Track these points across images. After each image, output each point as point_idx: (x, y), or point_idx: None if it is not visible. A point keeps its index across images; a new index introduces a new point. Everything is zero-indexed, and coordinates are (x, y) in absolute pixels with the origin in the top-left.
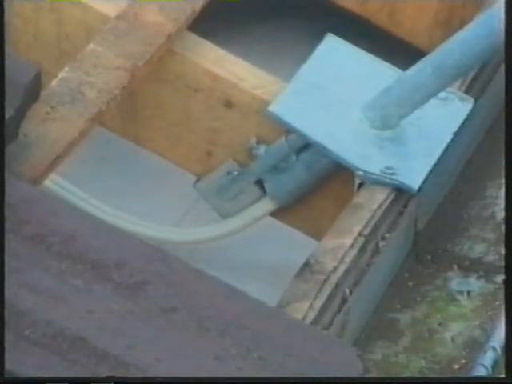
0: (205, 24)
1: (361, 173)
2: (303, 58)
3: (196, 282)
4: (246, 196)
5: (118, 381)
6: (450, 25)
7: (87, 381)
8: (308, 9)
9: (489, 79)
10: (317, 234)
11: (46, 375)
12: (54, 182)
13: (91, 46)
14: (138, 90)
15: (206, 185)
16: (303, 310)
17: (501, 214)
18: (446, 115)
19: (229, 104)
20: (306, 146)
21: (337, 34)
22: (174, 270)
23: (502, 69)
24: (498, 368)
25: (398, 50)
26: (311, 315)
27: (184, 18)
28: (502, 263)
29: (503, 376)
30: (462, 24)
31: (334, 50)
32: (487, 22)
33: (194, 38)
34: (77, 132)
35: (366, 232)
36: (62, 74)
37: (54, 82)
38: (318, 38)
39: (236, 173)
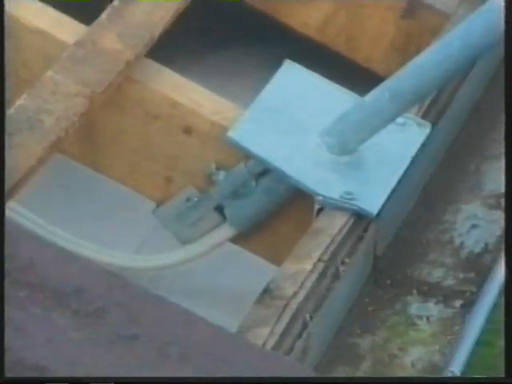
0: (163, 51)
1: (320, 198)
2: (262, 84)
3: (156, 309)
4: (206, 222)
5: (118, 381)
6: (407, 51)
7: (87, 381)
8: (266, 35)
9: (446, 104)
10: (277, 259)
11: None
12: (12, 210)
13: (49, 73)
14: (96, 117)
15: (166, 211)
16: (264, 336)
17: (459, 239)
18: (403, 140)
19: (188, 130)
20: (265, 171)
21: (295, 60)
22: (134, 297)
23: (459, 94)
24: None
25: (356, 76)
26: (272, 341)
27: (142, 45)
28: (461, 287)
29: (503, 376)
30: (419, 50)
31: (292, 75)
32: (443, 48)
33: (152, 65)
34: (35, 159)
35: (325, 257)
36: (20, 102)
37: (12, 110)
38: (277, 64)
39: (196, 199)
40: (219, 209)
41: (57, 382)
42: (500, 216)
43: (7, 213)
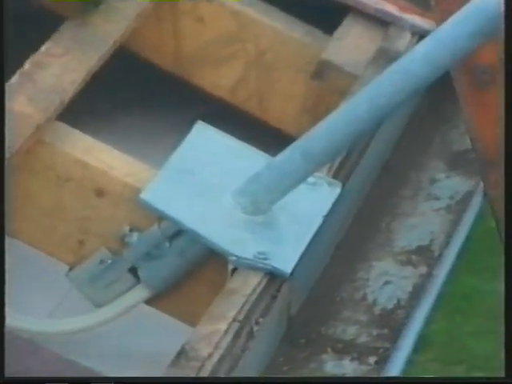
0: (75, 113)
1: (234, 258)
2: (174, 145)
3: (69, 374)
4: (120, 284)
5: (118, 381)
6: (317, 112)
7: (87, 381)
8: (178, 96)
9: (355, 163)
10: (192, 320)
11: None
12: None
13: None
14: (7, 181)
15: (79, 274)
16: None
17: (372, 296)
18: (315, 200)
19: (100, 192)
20: (178, 232)
21: (208, 121)
22: (46, 362)
23: (368, 153)
24: None
25: (268, 137)
26: None
27: (53, 108)
28: (375, 344)
29: (503, 376)
30: (329, 111)
31: (204, 137)
32: (351, 109)
33: (63, 128)
34: None
35: (240, 317)
36: None
37: None
38: (189, 125)
39: (109, 261)
40: (133, 270)
41: (57, 382)
42: (411, 272)
43: None
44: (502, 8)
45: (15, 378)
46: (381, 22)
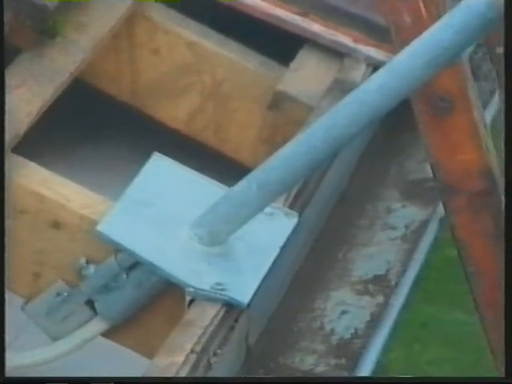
0: (31, 146)
1: (191, 289)
2: (131, 176)
3: None
4: (77, 317)
5: (118, 381)
6: (274, 142)
7: (87, 381)
8: (135, 127)
9: (312, 194)
10: (149, 352)
11: None
12: None
13: None
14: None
15: (35, 307)
16: None
17: (329, 325)
18: (272, 230)
19: (56, 225)
20: (135, 264)
21: (165, 152)
22: None
23: (324, 183)
24: None
25: (225, 167)
26: None
27: (8, 141)
28: (333, 374)
29: (503, 376)
30: (285, 141)
31: (160, 168)
32: (307, 140)
33: (19, 160)
34: None
35: (197, 349)
36: None
37: None
38: (145, 156)
39: (66, 294)
40: (90, 303)
41: (57, 382)
42: (368, 301)
43: None
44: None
45: (15, 378)
46: (336, 53)
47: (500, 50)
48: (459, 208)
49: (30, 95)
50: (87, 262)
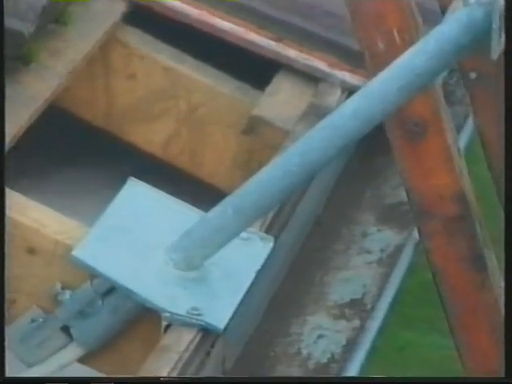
0: (6, 171)
1: (167, 314)
2: (107, 201)
3: None
4: (52, 343)
5: (118, 381)
6: (249, 166)
7: (87, 381)
8: (110, 152)
9: (287, 218)
10: None
11: None
12: None
13: None
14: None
15: (10, 333)
16: None
17: (306, 350)
18: (248, 255)
19: (31, 251)
20: (111, 289)
21: (140, 177)
22: None
23: (300, 208)
24: None
25: (201, 192)
26: None
27: None
28: None
29: (503, 376)
30: (260, 166)
31: (136, 193)
32: (283, 164)
33: None
34: None
35: (174, 374)
36: None
37: None
38: (121, 181)
39: (41, 320)
40: (66, 329)
41: (57, 382)
42: (345, 325)
43: None
44: (430, 63)
45: (15, 377)
46: (311, 77)
47: (473, 75)
48: (433, 232)
49: (6, 121)
50: (62, 288)
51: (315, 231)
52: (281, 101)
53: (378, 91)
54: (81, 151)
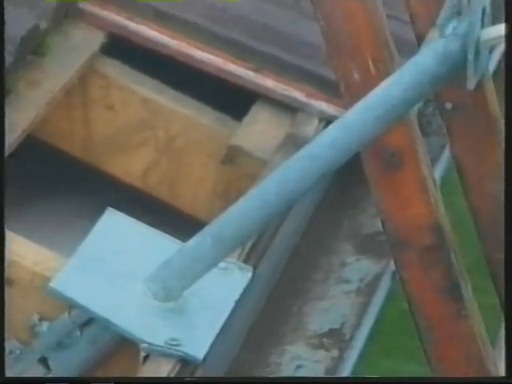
0: None
1: (145, 345)
2: (85, 232)
3: None
4: (30, 375)
5: (118, 381)
6: (228, 196)
7: (87, 381)
8: (88, 183)
9: (266, 248)
10: None
11: None
12: None
13: None
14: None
15: None
16: None
17: None
18: (227, 285)
19: (9, 282)
20: (89, 320)
21: (119, 208)
22: None
23: (278, 237)
24: None
25: (180, 222)
26: None
27: None
28: None
29: (503, 376)
30: (239, 195)
31: (114, 224)
32: (261, 194)
33: None
34: None
35: None
36: None
37: None
38: (99, 212)
39: (18, 352)
40: (43, 360)
41: (57, 382)
42: (323, 355)
43: None
44: (406, 94)
45: (15, 378)
46: (289, 107)
47: (449, 105)
48: (409, 262)
49: None
50: (40, 319)
51: (293, 261)
52: (259, 131)
53: (354, 122)
54: (59, 182)
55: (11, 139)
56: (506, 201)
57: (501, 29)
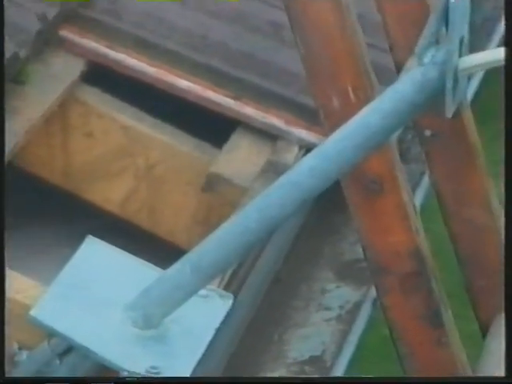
0: None
1: (125, 373)
2: (64, 260)
3: None
4: None
5: (118, 381)
6: (209, 223)
7: (87, 381)
8: (68, 211)
9: (246, 275)
10: None
11: None
12: None
13: None
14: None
15: None
16: None
17: None
18: (207, 312)
19: None
20: (69, 348)
21: (99, 235)
22: None
23: (258, 264)
24: None
25: (160, 249)
26: None
27: None
28: None
29: (503, 376)
30: (220, 222)
31: (94, 251)
32: (241, 221)
33: None
34: None
35: None
36: None
37: None
38: (79, 240)
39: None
40: None
41: (57, 382)
42: None
43: None
44: (385, 122)
45: (15, 378)
46: (269, 135)
47: (428, 132)
48: (390, 289)
49: None
50: (20, 348)
51: (274, 288)
52: (239, 158)
53: (333, 149)
54: (38, 210)
55: None
56: (506, 201)
57: (479, 57)
